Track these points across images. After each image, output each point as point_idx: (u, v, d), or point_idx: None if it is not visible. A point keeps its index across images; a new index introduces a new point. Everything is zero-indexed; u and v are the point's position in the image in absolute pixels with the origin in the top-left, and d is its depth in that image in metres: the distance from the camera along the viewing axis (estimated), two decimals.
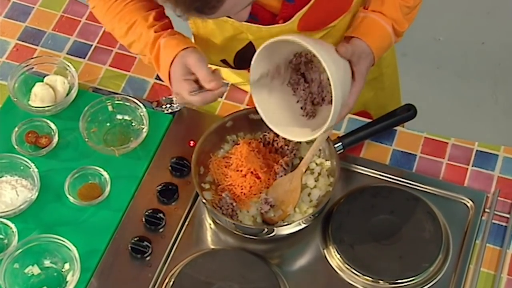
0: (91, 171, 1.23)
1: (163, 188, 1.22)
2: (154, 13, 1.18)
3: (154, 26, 1.16)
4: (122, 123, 1.30)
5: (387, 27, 1.16)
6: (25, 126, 1.28)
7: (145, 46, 1.16)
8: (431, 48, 2.42)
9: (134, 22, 1.17)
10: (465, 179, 1.25)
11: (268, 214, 1.17)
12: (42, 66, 1.35)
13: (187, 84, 1.10)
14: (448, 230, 1.19)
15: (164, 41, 1.14)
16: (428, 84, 2.32)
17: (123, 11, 1.17)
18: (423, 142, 1.30)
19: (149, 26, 1.16)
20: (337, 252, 1.16)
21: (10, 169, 1.23)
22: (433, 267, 1.15)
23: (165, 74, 1.14)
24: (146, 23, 1.16)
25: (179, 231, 1.19)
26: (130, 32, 1.17)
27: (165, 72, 1.14)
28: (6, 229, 1.17)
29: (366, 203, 1.21)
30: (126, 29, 1.17)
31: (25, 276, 1.14)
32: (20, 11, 1.45)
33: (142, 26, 1.16)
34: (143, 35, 1.16)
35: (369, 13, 1.17)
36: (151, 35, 1.15)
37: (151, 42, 1.15)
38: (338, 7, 1.19)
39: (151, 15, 1.17)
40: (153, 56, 1.15)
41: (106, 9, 1.19)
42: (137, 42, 1.17)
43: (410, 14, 1.20)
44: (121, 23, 1.18)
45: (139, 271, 1.15)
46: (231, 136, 1.25)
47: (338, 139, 1.24)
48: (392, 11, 1.17)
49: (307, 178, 1.21)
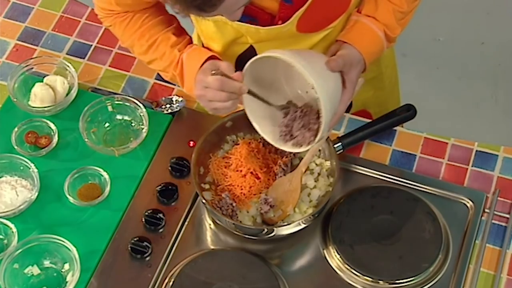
0: (91, 171, 1.23)
1: (163, 188, 1.22)
2: (173, 29, 1.20)
3: (178, 45, 1.18)
4: (122, 123, 1.30)
5: (379, 32, 1.16)
6: (25, 126, 1.28)
7: (169, 65, 1.18)
8: (431, 48, 2.42)
9: (155, 40, 1.19)
10: (465, 179, 1.25)
11: (268, 215, 1.17)
12: (42, 66, 1.35)
13: (212, 77, 1.09)
14: (448, 230, 1.19)
15: (186, 55, 1.16)
16: (428, 84, 2.32)
17: (141, 28, 1.19)
18: (423, 142, 1.30)
19: (172, 45, 1.18)
20: (337, 252, 1.16)
21: (10, 169, 1.23)
22: (433, 267, 1.15)
23: (191, 80, 1.14)
24: (168, 42, 1.18)
25: (179, 231, 1.19)
26: (151, 51, 1.20)
27: (191, 79, 1.14)
28: (6, 229, 1.17)
29: (366, 203, 1.21)
30: (146, 48, 1.20)
31: (25, 276, 1.14)
32: (20, 11, 1.45)
33: (164, 45, 1.18)
34: (166, 54, 1.18)
35: (362, 18, 1.17)
36: (176, 54, 1.17)
37: (176, 61, 1.17)
38: (336, 7, 1.19)
39: (171, 32, 1.19)
40: (178, 73, 1.18)
41: (124, 26, 1.20)
42: (159, 60, 1.20)
43: (403, 19, 1.20)
44: (141, 41, 1.20)
45: (139, 271, 1.15)
46: (230, 136, 1.25)
47: (337, 139, 1.24)
48: (385, 16, 1.17)
49: (307, 178, 1.21)
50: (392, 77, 1.45)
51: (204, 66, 1.13)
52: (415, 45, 2.33)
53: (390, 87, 1.45)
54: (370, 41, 1.16)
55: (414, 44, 2.30)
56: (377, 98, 1.42)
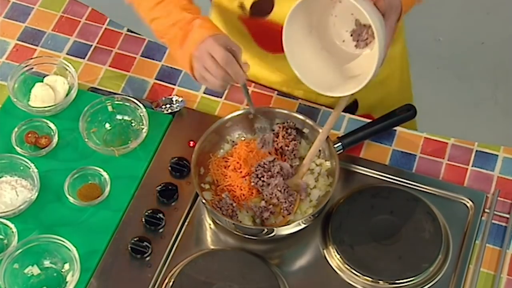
0: (91, 171, 1.23)
1: (162, 188, 1.22)
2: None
3: (188, 9, 1.16)
4: (122, 123, 1.30)
5: None
6: (25, 127, 1.28)
7: (174, 24, 1.15)
8: (431, 49, 2.42)
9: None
10: (465, 179, 1.25)
11: (268, 221, 1.17)
12: (42, 67, 1.35)
13: (223, 49, 1.08)
14: (448, 230, 1.19)
15: (200, 22, 1.14)
16: (428, 85, 2.32)
17: None
18: (423, 142, 1.30)
19: (182, 7, 1.16)
20: (337, 252, 1.16)
21: (10, 169, 1.23)
22: (433, 267, 1.15)
23: (192, 47, 1.12)
24: (178, 3, 1.16)
25: (179, 231, 1.19)
26: (159, 8, 1.17)
27: (191, 46, 1.12)
28: (6, 229, 1.17)
29: (366, 203, 1.20)
30: (154, 4, 1.17)
31: (25, 276, 1.14)
32: (20, 12, 1.45)
33: (174, 5, 1.16)
34: (173, 14, 1.16)
35: None
36: (186, 16, 1.15)
37: (186, 21, 1.14)
38: None
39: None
40: (181, 34, 1.14)
41: None
42: (163, 19, 1.17)
43: None
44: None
45: (139, 272, 1.15)
46: (230, 136, 1.25)
47: (337, 139, 1.24)
48: None
49: (307, 178, 1.21)
50: (403, 82, 1.43)
51: (219, 36, 1.11)
52: (415, 45, 2.33)
53: (400, 92, 1.43)
54: None
55: (414, 44, 2.30)
56: (384, 103, 1.39)
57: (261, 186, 1.18)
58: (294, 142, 1.23)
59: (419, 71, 2.36)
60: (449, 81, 2.35)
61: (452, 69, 2.37)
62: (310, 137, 1.24)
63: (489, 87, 2.33)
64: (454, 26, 2.44)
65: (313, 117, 1.30)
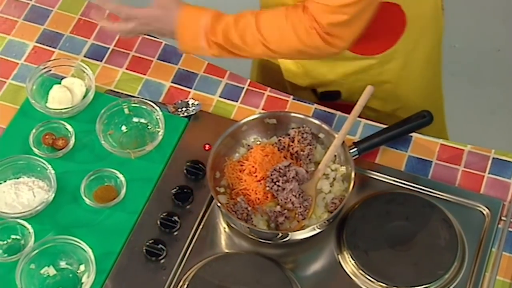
0: (107, 174, 1.23)
1: (178, 191, 1.22)
2: None
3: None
4: (138, 126, 1.31)
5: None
6: (42, 128, 1.28)
7: None
8: (446, 55, 2.39)
9: None
10: (481, 186, 1.25)
11: (283, 226, 1.17)
12: (60, 69, 1.36)
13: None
14: (464, 237, 1.18)
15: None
16: (443, 91, 2.31)
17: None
18: (439, 149, 1.29)
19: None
20: (352, 258, 1.16)
21: (27, 170, 1.24)
22: (448, 275, 1.14)
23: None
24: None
25: (193, 234, 1.20)
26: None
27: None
28: (23, 229, 1.18)
29: (381, 209, 1.20)
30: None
31: (41, 276, 1.14)
32: (39, 14, 1.46)
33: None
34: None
35: None
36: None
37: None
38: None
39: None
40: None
41: None
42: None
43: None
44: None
45: (153, 274, 1.16)
46: (246, 140, 1.26)
47: (353, 145, 1.23)
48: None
49: (322, 183, 1.21)
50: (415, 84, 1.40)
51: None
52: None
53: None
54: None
55: None
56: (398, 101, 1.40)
57: (276, 190, 1.18)
58: (310, 147, 1.23)
59: None
60: (465, 88, 2.34)
61: (467, 75, 2.36)
62: (325, 142, 1.24)
63: (505, 94, 2.32)
64: (470, 33, 2.43)
65: (329, 122, 1.30)
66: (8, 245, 1.17)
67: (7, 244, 1.18)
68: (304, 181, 1.20)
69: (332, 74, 1.35)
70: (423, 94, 1.43)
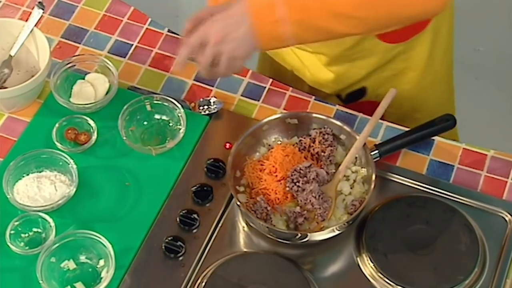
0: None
1: (198, 189, 1.22)
2: None
3: None
4: (160, 122, 1.31)
5: None
6: (65, 123, 1.30)
7: None
8: (470, 59, 2.38)
9: None
10: (504, 192, 1.23)
11: (302, 227, 1.17)
12: (84, 64, 1.37)
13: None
14: (485, 243, 1.17)
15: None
16: (466, 95, 2.29)
17: None
18: (462, 153, 1.28)
19: None
20: (371, 261, 1.15)
21: (50, 164, 1.25)
22: (469, 280, 1.13)
23: None
24: None
25: (212, 232, 1.20)
26: None
27: None
28: (45, 223, 1.19)
29: (401, 212, 1.19)
30: None
31: (61, 270, 1.15)
32: (65, 9, 1.47)
33: None
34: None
35: None
36: None
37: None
38: None
39: None
40: None
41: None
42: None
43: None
44: None
45: (172, 271, 1.16)
46: (267, 140, 1.26)
47: (374, 147, 1.23)
48: None
49: (342, 185, 1.20)
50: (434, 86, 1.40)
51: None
52: (454, 55, 2.30)
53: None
54: None
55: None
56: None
57: (296, 191, 1.18)
58: (331, 148, 1.23)
59: (458, 81, 2.33)
60: (489, 92, 2.31)
61: (491, 79, 2.33)
62: (346, 143, 1.24)
63: None
64: (494, 36, 2.40)
65: (351, 123, 1.30)
66: (29, 238, 1.19)
67: (28, 237, 1.19)
68: (324, 183, 1.19)
69: (363, 70, 1.34)
70: (442, 88, 1.41)
